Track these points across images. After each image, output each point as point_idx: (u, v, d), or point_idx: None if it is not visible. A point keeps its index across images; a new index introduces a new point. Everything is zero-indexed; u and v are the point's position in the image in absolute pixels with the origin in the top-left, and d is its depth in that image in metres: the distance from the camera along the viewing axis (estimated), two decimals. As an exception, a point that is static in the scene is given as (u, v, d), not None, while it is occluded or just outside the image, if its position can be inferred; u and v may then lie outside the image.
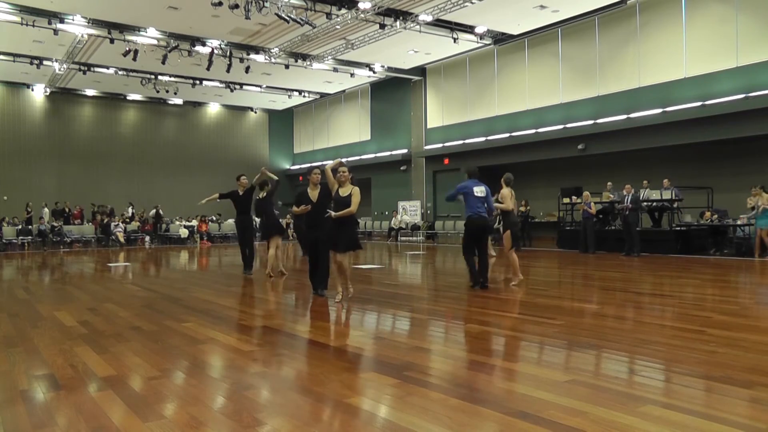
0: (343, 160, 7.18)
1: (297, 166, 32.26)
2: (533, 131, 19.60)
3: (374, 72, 23.55)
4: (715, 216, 14.07)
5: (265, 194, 10.17)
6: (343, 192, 7.06)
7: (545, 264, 12.62)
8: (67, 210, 24.34)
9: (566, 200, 17.04)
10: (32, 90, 26.25)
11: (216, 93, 27.62)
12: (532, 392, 3.51)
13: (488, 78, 21.74)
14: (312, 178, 7.66)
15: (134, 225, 24.19)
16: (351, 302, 7.44)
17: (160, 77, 23.82)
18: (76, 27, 17.96)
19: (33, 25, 17.08)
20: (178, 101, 29.16)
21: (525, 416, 3.08)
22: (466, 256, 8.23)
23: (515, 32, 19.68)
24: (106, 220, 22.96)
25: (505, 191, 8.64)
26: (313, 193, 7.50)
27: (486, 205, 8.24)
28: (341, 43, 20.40)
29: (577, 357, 4.48)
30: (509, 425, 2.99)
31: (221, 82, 25.16)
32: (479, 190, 8.21)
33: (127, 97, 28.32)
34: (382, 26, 17.92)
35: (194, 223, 25.13)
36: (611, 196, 15.47)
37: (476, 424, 3.04)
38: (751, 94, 14.42)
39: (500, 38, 20.33)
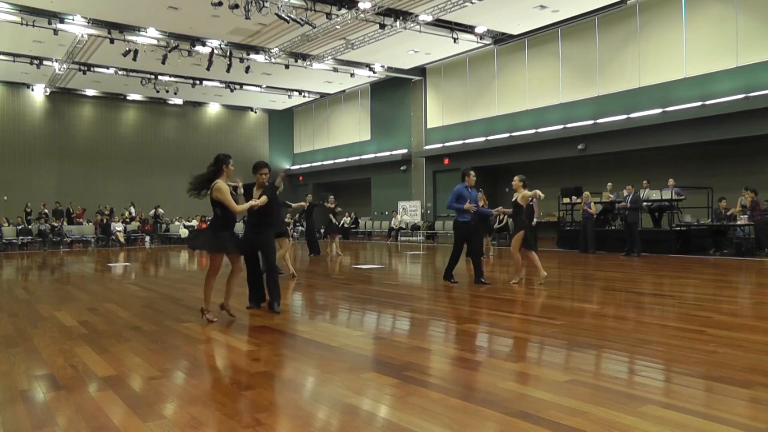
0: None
1: (297, 166, 32.27)
2: (533, 131, 19.60)
3: (374, 72, 23.55)
4: (729, 212, 14.00)
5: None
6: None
7: (545, 264, 12.54)
8: (70, 210, 24.34)
9: (566, 200, 17.03)
10: (32, 90, 26.25)
11: (216, 93, 27.62)
12: (532, 392, 3.51)
13: (488, 78, 21.74)
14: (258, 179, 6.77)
15: (134, 225, 24.19)
16: (351, 302, 7.44)
17: (160, 77, 23.82)
18: (76, 27, 17.96)
19: (33, 25, 17.08)
20: (178, 101, 29.16)
21: (525, 416, 3.08)
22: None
23: (515, 32, 19.68)
24: (106, 220, 22.96)
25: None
26: (257, 193, 6.71)
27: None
28: (341, 43, 20.40)
29: (577, 357, 4.48)
30: (509, 425, 2.98)
31: (221, 82, 25.15)
32: None
33: (127, 97, 28.32)
34: (382, 26, 17.93)
35: (194, 223, 25.11)
36: (611, 196, 15.47)
37: (476, 424, 3.03)
38: (751, 94, 14.42)
39: (500, 38, 20.33)
